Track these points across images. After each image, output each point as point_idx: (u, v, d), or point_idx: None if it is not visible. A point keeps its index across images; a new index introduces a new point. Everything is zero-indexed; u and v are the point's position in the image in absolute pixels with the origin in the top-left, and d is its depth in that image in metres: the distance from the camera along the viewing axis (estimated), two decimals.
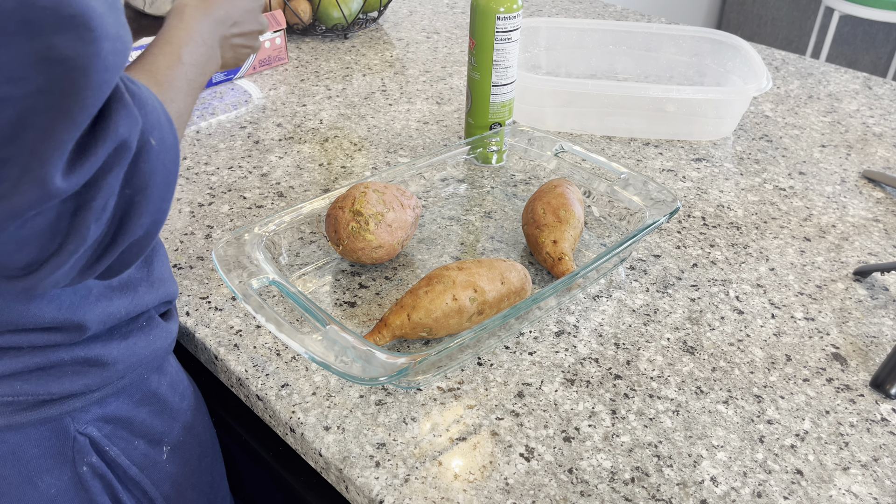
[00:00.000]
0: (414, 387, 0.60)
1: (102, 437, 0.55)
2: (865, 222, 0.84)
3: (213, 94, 1.09)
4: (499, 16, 0.82)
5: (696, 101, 0.96)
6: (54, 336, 0.49)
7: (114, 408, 0.55)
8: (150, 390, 0.58)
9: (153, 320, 0.56)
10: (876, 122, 1.07)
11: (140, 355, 0.54)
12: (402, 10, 1.47)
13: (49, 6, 0.34)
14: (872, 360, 0.64)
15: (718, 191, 0.89)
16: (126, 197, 0.41)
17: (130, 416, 0.57)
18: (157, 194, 0.42)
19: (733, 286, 0.73)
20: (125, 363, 0.53)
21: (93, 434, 0.54)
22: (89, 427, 0.54)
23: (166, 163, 0.42)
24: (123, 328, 0.53)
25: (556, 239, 0.70)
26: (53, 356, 0.49)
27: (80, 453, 0.54)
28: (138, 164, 0.40)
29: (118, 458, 0.56)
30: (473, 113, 0.90)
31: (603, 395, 0.60)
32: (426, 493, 0.51)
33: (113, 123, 0.38)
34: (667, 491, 0.52)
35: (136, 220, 0.41)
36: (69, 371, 0.50)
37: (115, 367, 0.53)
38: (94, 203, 0.38)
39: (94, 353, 0.51)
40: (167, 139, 0.42)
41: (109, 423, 0.55)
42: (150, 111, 0.41)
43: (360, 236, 0.67)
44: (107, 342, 0.52)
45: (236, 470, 0.74)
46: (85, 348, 0.50)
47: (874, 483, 0.53)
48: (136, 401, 0.57)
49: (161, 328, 0.56)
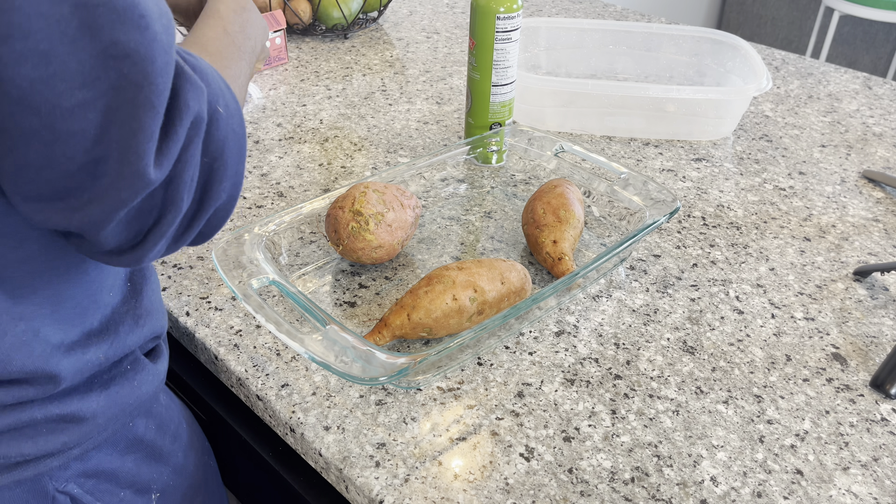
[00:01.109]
0: (414, 387, 0.60)
1: (84, 494, 0.50)
2: (865, 222, 0.84)
3: None
4: (499, 16, 0.82)
5: (696, 101, 0.96)
6: (25, 390, 0.44)
7: (96, 462, 0.51)
8: (135, 437, 0.54)
9: (138, 363, 0.51)
10: (876, 122, 1.07)
11: (123, 404, 0.50)
12: (402, 10, 1.47)
13: (102, 2, 0.34)
14: (872, 360, 0.64)
15: (718, 191, 0.89)
16: (205, 165, 0.42)
17: (115, 468, 0.52)
18: (233, 159, 0.43)
19: (733, 286, 0.73)
20: (106, 415, 0.49)
21: (73, 492, 0.50)
22: (69, 485, 0.49)
23: (235, 127, 0.43)
24: (104, 375, 0.49)
25: (556, 239, 0.70)
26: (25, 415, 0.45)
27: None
28: (211, 132, 0.41)
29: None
30: (473, 113, 0.90)
31: (603, 395, 0.60)
32: (426, 493, 0.51)
33: (183, 100, 0.38)
34: (667, 491, 0.52)
35: (218, 185, 0.42)
36: (43, 430, 0.46)
37: (95, 421, 0.48)
38: (184, 175, 0.40)
39: (71, 409, 0.46)
40: (231, 105, 0.43)
41: (91, 477, 0.51)
42: (212, 80, 0.42)
43: (360, 236, 0.67)
44: (84, 395, 0.47)
45: (236, 470, 0.74)
46: (60, 404, 0.46)
47: (874, 483, 0.54)
48: (120, 450, 0.53)
49: (147, 371, 0.52)
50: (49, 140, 0.34)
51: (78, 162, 0.36)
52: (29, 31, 0.32)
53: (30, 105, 0.33)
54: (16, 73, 0.32)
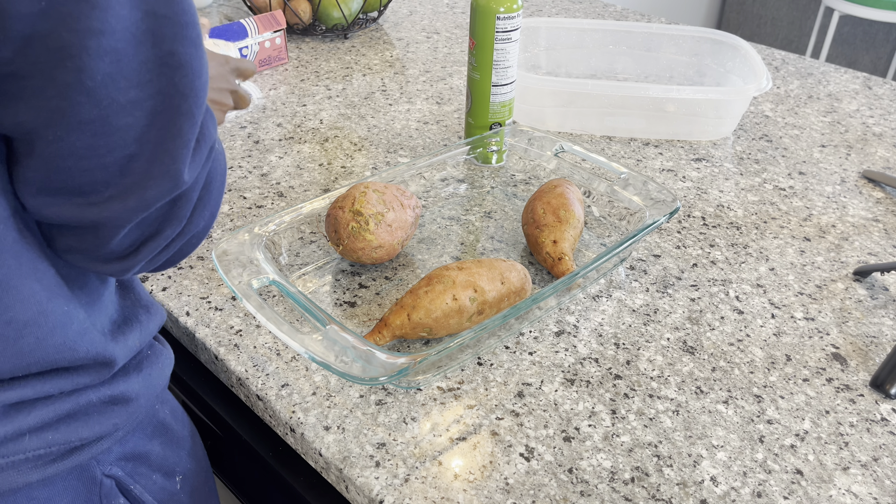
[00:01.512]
0: (414, 387, 0.60)
1: (126, 476, 0.54)
2: (865, 222, 0.84)
3: None
4: (499, 16, 0.82)
5: (696, 101, 0.96)
6: (83, 377, 0.47)
7: (132, 444, 0.54)
8: (159, 421, 0.57)
9: (154, 348, 0.55)
10: (876, 122, 1.07)
11: (155, 386, 0.53)
12: (402, 10, 1.47)
13: (168, 15, 0.37)
14: (872, 360, 0.64)
15: (718, 191, 0.89)
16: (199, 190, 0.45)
17: (146, 451, 0.56)
18: (216, 191, 0.46)
19: (733, 286, 0.73)
20: (146, 396, 0.52)
21: (117, 474, 0.53)
22: (113, 468, 0.52)
23: (223, 164, 0.47)
24: (134, 360, 0.52)
25: (556, 239, 0.70)
26: (83, 399, 0.48)
27: (108, 497, 0.52)
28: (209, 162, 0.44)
29: (142, 496, 0.55)
30: (473, 113, 0.90)
31: (603, 395, 0.60)
32: (426, 492, 0.51)
33: (206, 125, 0.42)
34: (667, 491, 0.52)
35: (200, 212, 0.45)
36: (96, 413, 0.49)
37: (138, 402, 0.52)
38: (192, 194, 0.43)
39: (119, 391, 0.50)
40: (220, 144, 0.47)
41: (130, 460, 0.54)
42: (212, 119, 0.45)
43: (360, 236, 0.67)
44: (126, 377, 0.51)
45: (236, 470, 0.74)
46: (110, 386, 0.49)
47: (874, 483, 0.54)
48: (148, 434, 0.56)
49: (164, 355, 0.55)
50: (99, 131, 0.37)
51: (116, 156, 0.38)
52: (113, 29, 0.35)
53: (96, 97, 0.36)
54: (96, 66, 0.35)
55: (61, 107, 0.35)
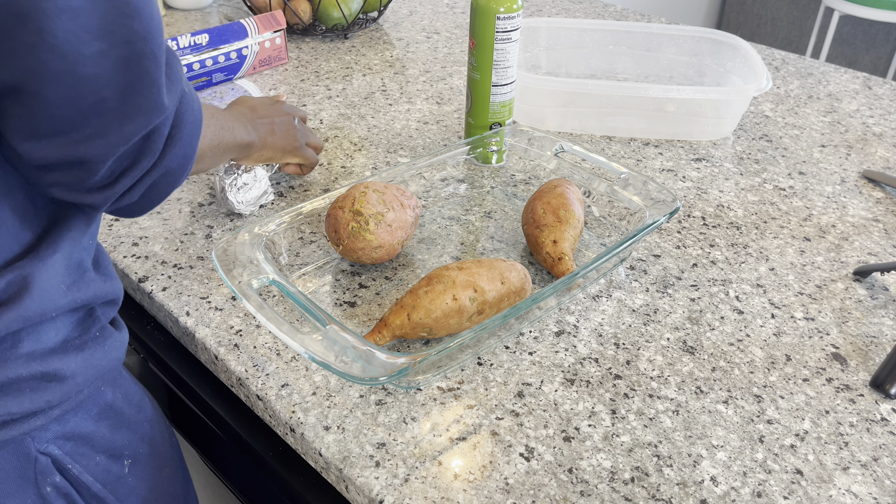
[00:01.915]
0: (414, 387, 0.60)
1: (64, 455, 0.53)
2: (865, 222, 0.84)
3: (213, 94, 1.09)
4: (499, 16, 0.82)
5: (696, 101, 0.96)
6: None
7: (73, 424, 0.54)
8: (106, 403, 0.57)
9: (105, 330, 0.55)
10: (876, 122, 1.07)
11: (97, 367, 0.53)
12: (402, 10, 1.47)
13: None
14: (872, 360, 0.64)
15: (718, 191, 0.89)
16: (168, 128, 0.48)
17: (90, 432, 0.55)
18: (188, 131, 0.49)
19: (733, 286, 0.73)
20: (83, 376, 0.52)
21: (54, 453, 0.53)
22: (50, 446, 0.52)
23: (193, 107, 0.50)
24: (78, 339, 0.53)
25: (556, 239, 0.70)
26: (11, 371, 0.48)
27: (43, 474, 0.52)
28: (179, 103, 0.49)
29: (81, 476, 0.55)
30: (473, 113, 0.90)
31: (603, 395, 0.60)
32: (426, 492, 0.51)
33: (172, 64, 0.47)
34: (667, 491, 0.52)
35: (172, 148, 0.49)
36: (27, 388, 0.49)
37: (74, 381, 0.51)
38: (164, 129, 0.47)
39: (53, 367, 0.50)
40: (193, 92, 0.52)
41: (70, 440, 0.54)
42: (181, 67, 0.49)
43: (360, 236, 0.67)
44: (64, 355, 0.51)
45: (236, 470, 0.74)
46: (42, 362, 0.49)
47: (874, 483, 0.54)
48: (94, 415, 0.56)
49: (114, 338, 0.55)
50: (70, 82, 0.41)
51: (89, 100, 0.42)
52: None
53: (61, 52, 0.39)
54: (55, 24, 0.38)
55: (31, 65, 0.39)
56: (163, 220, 0.79)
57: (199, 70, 1.07)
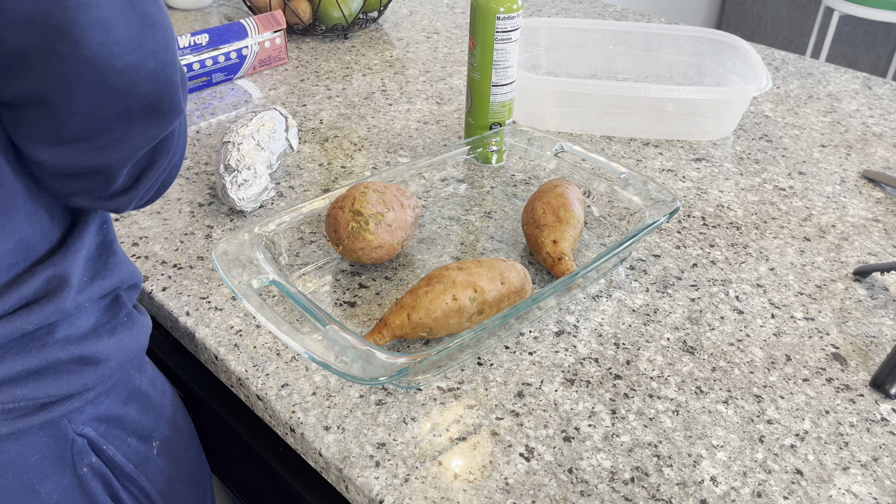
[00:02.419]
0: (414, 387, 0.60)
1: (98, 437, 0.55)
2: (865, 222, 0.84)
3: (213, 94, 1.09)
4: (499, 16, 0.82)
5: (696, 101, 0.96)
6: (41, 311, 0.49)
7: (105, 407, 0.56)
8: (135, 387, 0.58)
9: (132, 315, 0.57)
10: (876, 122, 1.07)
11: (128, 350, 0.55)
12: (402, 10, 1.47)
13: None
14: (872, 360, 0.64)
15: (718, 191, 0.89)
16: None
17: (121, 414, 0.57)
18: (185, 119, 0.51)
19: (733, 286, 0.73)
20: (117, 359, 0.54)
21: (90, 434, 0.54)
22: (85, 427, 0.54)
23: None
24: (108, 324, 0.54)
25: (556, 239, 0.70)
26: (50, 355, 0.49)
27: (80, 455, 0.54)
28: None
29: (115, 457, 0.56)
30: (473, 113, 0.90)
31: (603, 395, 0.60)
32: (426, 492, 0.51)
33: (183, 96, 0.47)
34: (667, 491, 0.52)
35: (179, 140, 0.50)
36: (65, 371, 0.51)
37: (108, 364, 0.53)
38: (178, 127, 0.48)
39: (89, 351, 0.51)
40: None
41: (103, 422, 0.55)
42: None
43: (360, 236, 0.67)
44: (97, 339, 0.52)
45: (236, 470, 0.74)
46: (79, 346, 0.51)
47: (874, 483, 0.54)
48: (123, 398, 0.57)
49: (140, 322, 0.57)
50: (99, 92, 0.41)
51: (116, 109, 0.42)
52: (98, 3, 0.39)
53: (94, 64, 0.40)
54: (89, 36, 0.39)
55: (64, 75, 0.40)
56: (163, 220, 0.79)
57: (199, 70, 1.07)
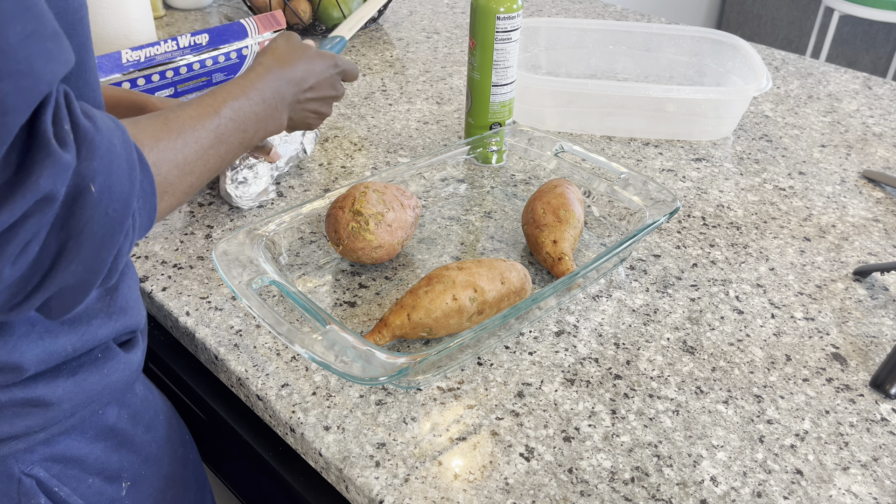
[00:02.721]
0: (414, 387, 0.60)
1: (50, 478, 0.51)
2: (865, 222, 0.84)
3: None
4: (499, 16, 0.82)
5: (696, 101, 0.96)
6: None
7: (63, 447, 0.52)
8: (106, 426, 0.54)
9: (109, 351, 0.52)
10: (876, 122, 1.07)
11: (90, 391, 0.50)
12: (402, 10, 1.47)
13: None
14: (872, 360, 0.64)
15: (718, 191, 0.89)
16: (59, 240, 0.37)
17: (83, 454, 0.53)
18: (91, 243, 0.38)
19: (733, 286, 0.73)
20: (72, 401, 0.49)
21: (39, 475, 0.51)
22: (35, 468, 0.50)
23: (109, 211, 0.38)
24: (73, 363, 0.49)
25: (556, 239, 0.70)
26: None
27: (27, 496, 0.50)
28: (73, 209, 0.37)
29: (69, 499, 0.53)
30: (473, 113, 0.90)
31: (603, 395, 0.60)
32: (426, 492, 0.51)
33: (34, 176, 0.34)
34: (667, 491, 0.52)
35: (66, 266, 0.38)
36: (8, 413, 0.47)
37: (61, 407, 0.49)
38: (9, 248, 0.36)
39: (37, 394, 0.47)
40: (115, 186, 0.38)
41: (59, 462, 0.52)
42: (98, 155, 0.37)
43: (360, 236, 0.67)
44: (51, 381, 0.48)
45: (236, 470, 0.74)
46: (24, 389, 0.47)
47: (874, 483, 0.54)
48: (89, 437, 0.53)
49: (118, 360, 0.52)
50: None
51: None
52: None
53: None
54: None
55: None
56: (163, 221, 0.79)
57: (199, 70, 1.07)
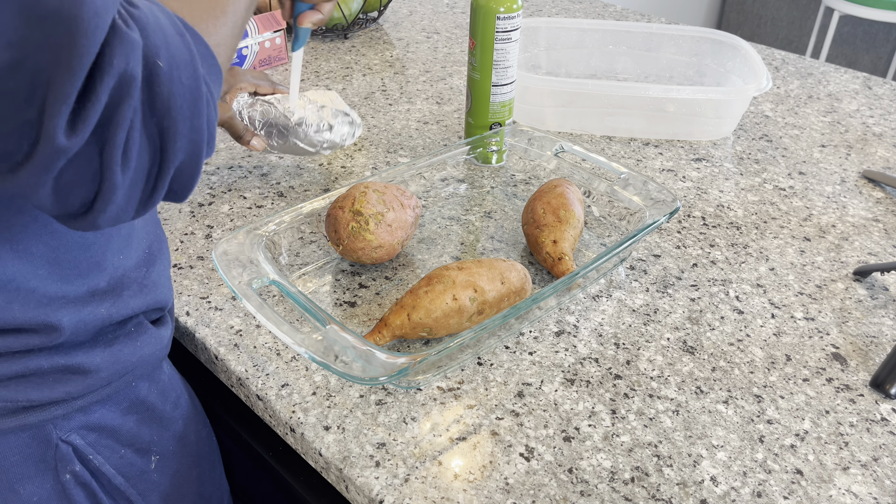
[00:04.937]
0: (414, 387, 0.60)
1: (86, 446, 0.53)
2: (865, 222, 0.84)
3: None
4: (499, 16, 0.82)
5: (696, 101, 0.96)
6: (30, 338, 0.47)
7: (99, 416, 0.54)
8: (138, 398, 0.56)
9: (142, 326, 0.54)
10: (876, 122, 1.07)
11: (126, 362, 0.53)
12: (402, 10, 1.47)
13: None
14: (872, 360, 0.64)
15: (718, 191, 0.89)
16: (154, 124, 0.39)
17: (117, 425, 0.55)
18: (182, 115, 0.39)
19: (733, 286, 0.73)
20: (109, 371, 0.52)
21: (76, 442, 0.53)
22: (72, 435, 0.52)
23: (183, 80, 0.39)
24: (109, 334, 0.52)
25: (556, 239, 0.70)
26: (32, 363, 0.48)
27: (63, 461, 0.52)
28: (152, 88, 0.38)
29: (102, 467, 0.55)
30: (473, 113, 0.90)
31: (603, 395, 0.60)
32: (426, 492, 0.51)
33: (108, 58, 0.35)
34: (667, 491, 0.52)
35: (172, 144, 0.39)
36: (49, 378, 0.49)
37: (98, 375, 0.51)
38: (116, 139, 0.37)
39: (76, 361, 0.49)
40: (177, 56, 0.39)
41: (94, 431, 0.54)
42: (153, 32, 0.38)
43: (360, 236, 0.67)
44: (90, 349, 0.50)
45: (236, 470, 0.74)
46: (65, 355, 0.49)
47: (874, 483, 0.54)
48: (123, 409, 0.55)
49: (150, 335, 0.54)
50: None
51: (11, 123, 0.35)
52: None
53: None
54: None
55: None
56: (163, 221, 0.79)
57: None
